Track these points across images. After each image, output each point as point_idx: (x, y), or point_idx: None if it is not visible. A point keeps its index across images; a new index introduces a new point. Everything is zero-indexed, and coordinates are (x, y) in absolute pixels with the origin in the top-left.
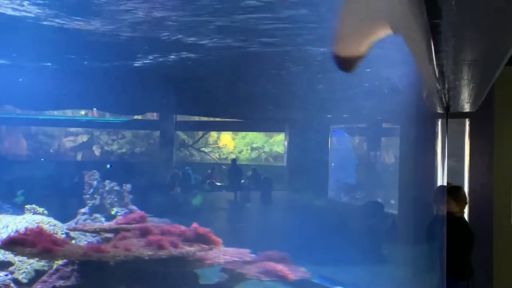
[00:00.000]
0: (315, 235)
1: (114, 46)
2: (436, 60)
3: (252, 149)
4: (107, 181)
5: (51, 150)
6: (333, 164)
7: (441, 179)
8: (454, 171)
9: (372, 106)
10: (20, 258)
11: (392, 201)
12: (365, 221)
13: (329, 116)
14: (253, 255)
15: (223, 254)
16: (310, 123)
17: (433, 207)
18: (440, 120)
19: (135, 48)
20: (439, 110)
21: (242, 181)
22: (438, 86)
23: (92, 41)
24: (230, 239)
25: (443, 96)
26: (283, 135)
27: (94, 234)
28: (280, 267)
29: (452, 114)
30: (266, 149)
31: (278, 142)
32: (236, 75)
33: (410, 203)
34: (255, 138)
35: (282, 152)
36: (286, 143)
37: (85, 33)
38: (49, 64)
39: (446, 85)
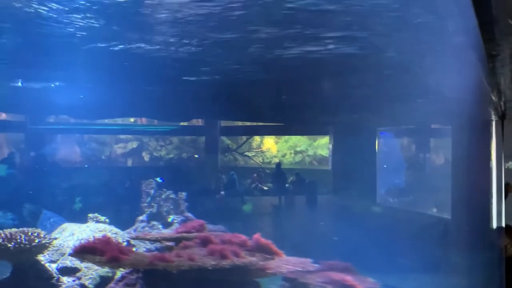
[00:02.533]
0: (373, 243)
1: (165, 60)
2: (492, 79)
3: (296, 152)
4: (163, 189)
5: (102, 157)
6: (383, 167)
7: (497, 183)
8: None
9: (422, 109)
10: (86, 264)
11: (440, 207)
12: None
13: (376, 117)
14: (315, 264)
15: (284, 263)
16: (356, 125)
17: (488, 211)
18: (495, 125)
19: (188, 61)
20: (494, 118)
21: (287, 185)
22: (493, 99)
23: (143, 58)
24: (286, 247)
25: (498, 107)
26: (328, 138)
27: (152, 242)
28: (346, 277)
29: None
30: (310, 152)
31: (322, 145)
32: (279, 79)
33: (464, 207)
34: (299, 141)
35: (327, 155)
36: (331, 146)
37: (139, 52)
38: (102, 81)
39: (503, 99)
